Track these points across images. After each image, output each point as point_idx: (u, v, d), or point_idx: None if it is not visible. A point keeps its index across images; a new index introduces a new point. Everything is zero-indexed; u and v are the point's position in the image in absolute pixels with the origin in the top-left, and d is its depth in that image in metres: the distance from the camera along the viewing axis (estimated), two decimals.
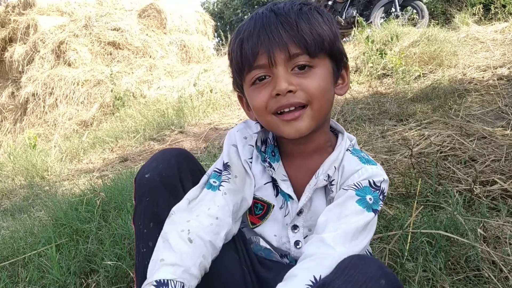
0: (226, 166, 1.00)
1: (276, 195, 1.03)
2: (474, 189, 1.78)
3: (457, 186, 1.84)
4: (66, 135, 6.10)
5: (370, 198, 0.89)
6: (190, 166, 1.02)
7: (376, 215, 0.90)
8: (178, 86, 6.56)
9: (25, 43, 8.13)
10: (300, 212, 1.00)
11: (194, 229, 0.90)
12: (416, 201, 1.73)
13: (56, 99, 7.00)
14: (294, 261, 1.04)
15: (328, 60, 0.90)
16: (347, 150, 0.97)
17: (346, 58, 0.96)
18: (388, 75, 4.28)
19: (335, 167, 0.94)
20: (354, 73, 4.50)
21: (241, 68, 0.89)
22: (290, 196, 1.00)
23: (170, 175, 0.97)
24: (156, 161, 0.99)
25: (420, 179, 1.89)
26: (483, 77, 3.64)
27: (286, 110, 0.87)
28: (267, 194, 1.03)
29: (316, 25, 0.86)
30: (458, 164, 2.06)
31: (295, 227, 1.01)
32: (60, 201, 2.35)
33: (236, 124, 1.12)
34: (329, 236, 0.83)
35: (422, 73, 4.04)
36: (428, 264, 1.33)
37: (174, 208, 0.93)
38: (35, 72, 7.48)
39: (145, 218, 0.97)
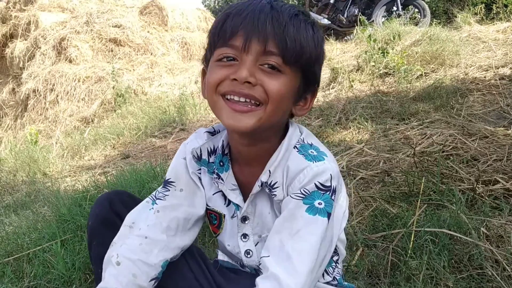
0: (166, 183, 1.03)
1: (228, 205, 1.02)
2: (476, 188, 1.79)
3: (460, 185, 1.85)
4: (67, 131, 6.10)
5: (319, 203, 0.85)
6: (123, 199, 1.07)
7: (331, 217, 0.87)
8: (180, 83, 6.56)
9: (26, 39, 8.12)
10: (244, 219, 0.99)
11: (122, 252, 0.95)
12: (419, 200, 1.74)
13: (57, 96, 6.98)
14: (253, 270, 1.05)
15: (299, 76, 0.86)
16: (294, 148, 0.92)
17: (318, 85, 0.94)
18: (390, 74, 4.28)
19: (269, 171, 0.91)
20: (356, 72, 4.50)
21: (215, 41, 0.86)
22: (238, 205, 0.99)
23: (106, 214, 1.04)
24: (93, 208, 1.07)
25: (423, 178, 1.89)
26: (485, 77, 3.64)
27: (236, 98, 0.83)
28: (217, 204, 1.04)
29: (303, 36, 0.83)
30: (460, 163, 2.07)
31: (244, 235, 1.01)
32: (63, 197, 2.36)
33: None
34: (285, 273, 0.81)
35: (424, 72, 4.04)
36: (432, 262, 1.34)
37: (115, 239, 0.99)
38: (36, 68, 7.47)
39: (97, 261, 1.03)
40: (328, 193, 0.86)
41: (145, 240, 0.96)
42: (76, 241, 1.79)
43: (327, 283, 1.04)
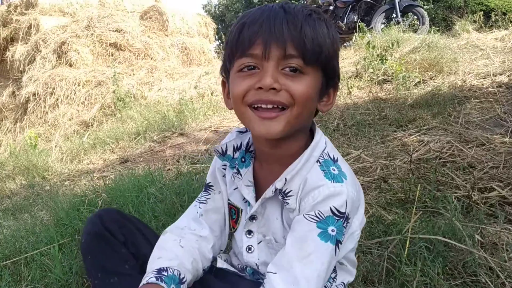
0: (207, 186, 1.10)
1: (246, 201, 1.03)
2: (472, 195, 1.80)
3: (456, 193, 1.87)
4: (67, 135, 6.11)
5: (333, 230, 0.84)
6: (112, 216, 1.11)
7: (339, 246, 0.86)
8: (179, 88, 6.58)
9: (26, 43, 8.16)
10: (252, 218, 1.00)
11: (184, 240, 1.04)
12: (415, 207, 1.75)
13: (57, 99, 7.01)
14: (250, 274, 1.06)
15: (320, 73, 0.87)
16: (317, 162, 0.91)
17: (339, 79, 0.95)
18: (388, 81, 4.31)
19: (285, 179, 0.90)
20: (354, 78, 4.53)
21: (233, 52, 0.87)
22: (250, 202, 1.01)
23: (97, 230, 1.07)
24: (85, 227, 1.12)
25: (419, 185, 1.91)
26: (482, 84, 3.67)
27: (263, 106, 0.84)
28: (237, 199, 1.06)
29: (320, 35, 0.84)
30: (456, 171, 2.08)
31: (249, 232, 1.02)
32: (61, 201, 2.37)
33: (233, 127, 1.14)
34: None
35: (422, 80, 4.06)
36: (426, 269, 1.35)
37: (167, 229, 1.07)
38: (36, 72, 7.50)
39: (92, 271, 1.07)
40: (342, 219, 0.85)
41: (200, 238, 1.05)
42: (73, 245, 1.80)
43: None
